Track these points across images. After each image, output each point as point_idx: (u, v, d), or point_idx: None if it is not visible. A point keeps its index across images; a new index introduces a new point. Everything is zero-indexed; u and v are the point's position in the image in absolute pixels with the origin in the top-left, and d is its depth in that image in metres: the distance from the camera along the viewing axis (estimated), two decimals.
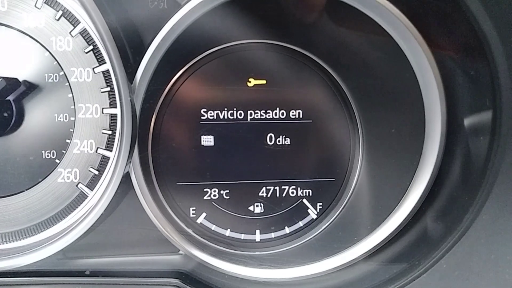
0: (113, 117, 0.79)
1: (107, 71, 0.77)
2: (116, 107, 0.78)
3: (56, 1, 0.76)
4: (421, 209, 0.76)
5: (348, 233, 0.81)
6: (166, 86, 0.83)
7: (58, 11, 0.77)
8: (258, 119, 0.86)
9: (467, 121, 0.70)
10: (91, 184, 0.80)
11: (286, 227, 0.88)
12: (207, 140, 0.85)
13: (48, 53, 0.78)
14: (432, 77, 0.71)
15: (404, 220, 0.76)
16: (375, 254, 0.77)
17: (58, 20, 0.77)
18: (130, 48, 0.73)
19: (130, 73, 0.71)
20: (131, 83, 0.72)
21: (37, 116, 0.78)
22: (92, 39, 0.77)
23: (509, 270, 0.59)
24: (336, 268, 0.77)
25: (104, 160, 0.80)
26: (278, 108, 0.86)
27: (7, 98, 0.76)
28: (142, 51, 0.72)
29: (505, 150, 0.61)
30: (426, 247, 0.68)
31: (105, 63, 0.77)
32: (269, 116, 0.86)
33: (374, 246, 0.77)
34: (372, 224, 0.78)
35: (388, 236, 0.76)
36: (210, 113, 0.85)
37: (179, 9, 0.70)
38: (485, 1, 0.57)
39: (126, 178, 0.75)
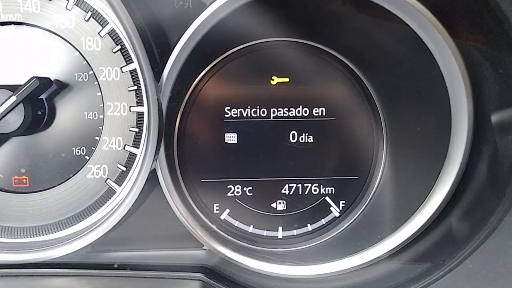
0: (140, 115, 0.81)
1: (135, 70, 0.79)
2: (143, 105, 0.79)
3: (86, 2, 0.78)
4: (446, 208, 0.74)
5: (371, 231, 0.81)
6: (191, 85, 0.84)
7: (87, 12, 0.79)
8: (281, 117, 0.86)
9: (494, 120, 0.68)
10: (119, 180, 0.82)
11: (308, 225, 0.88)
12: (231, 138, 0.86)
13: (78, 53, 0.80)
14: (459, 74, 0.69)
15: (428, 219, 0.74)
16: (399, 253, 0.76)
17: (87, 21, 0.79)
18: (156, 48, 0.74)
19: (157, 72, 0.73)
20: (158, 82, 0.74)
21: (68, 114, 0.81)
22: (120, 39, 0.79)
23: None
24: (359, 266, 0.77)
25: (132, 156, 0.82)
26: (301, 106, 0.86)
27: (40, 97, 0.79)
28: (168, 51, 0.73)
29: None
30: (451, 247, 0.66)
31: (133, 62, 0.78)
32: (292, 114, 0.86)
33: (398, 245, 0.76)
34: (396, 223, 0.77)
35: (412, 235, 0.75)
36: (234, 111, 0.86)
37: (205, 9, 0.71)
38: None
39: (153, 174, 0.76)
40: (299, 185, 0.87)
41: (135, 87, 0.80)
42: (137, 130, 0.81)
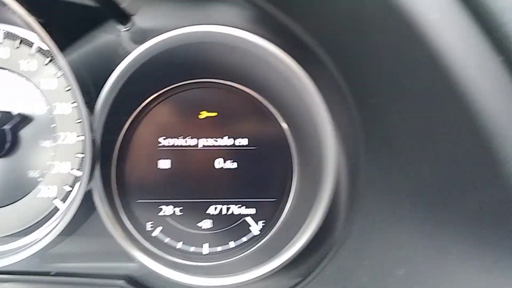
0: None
1: None
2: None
3: (45, 50, 0.94)
4: (320, 228, 0.82)
5: (275, 249, 0.89)
6: (127, 121, 0.96)
7: (47, 58, 0.94)
8: (208, 146, 0.97)
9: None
10: (64, 199, 0.94)
11: (231, 242, 0.97)
12: (164, 164, 0.98)
13: (38, 91, 0.94)
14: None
15: (308, 237, 0.82)
16: (287, 267, 0.83)
17: (46, 65, 0.94)
18: (94, 87, 0.88)
19: (91, 107, 0.86)
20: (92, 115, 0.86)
21: (26, 142, 0.94)
22: None
23: (378, 272, 0.64)
24: (256, 279, 0.84)
25: (77, 179, 0.94)
26: (226, 137, 0.97)
27: (3, 128, 0.94)
28: (101, 91, 0.86)
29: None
30: (317, 259, 0.75)
31: None
32: (217, 143, 0.97)
33: (285, 261, 0.82)
34: (286, 242, 0.86)
35: (295, 253, 0.82)
36: (168, 140, 0.98)
37: (130, 52, 0.84)
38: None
39: (89, 194, 0.88)
40: (224, 206, 0.97)
41: (81, 120, 0.94)
42: (82, 155, 0.94)
